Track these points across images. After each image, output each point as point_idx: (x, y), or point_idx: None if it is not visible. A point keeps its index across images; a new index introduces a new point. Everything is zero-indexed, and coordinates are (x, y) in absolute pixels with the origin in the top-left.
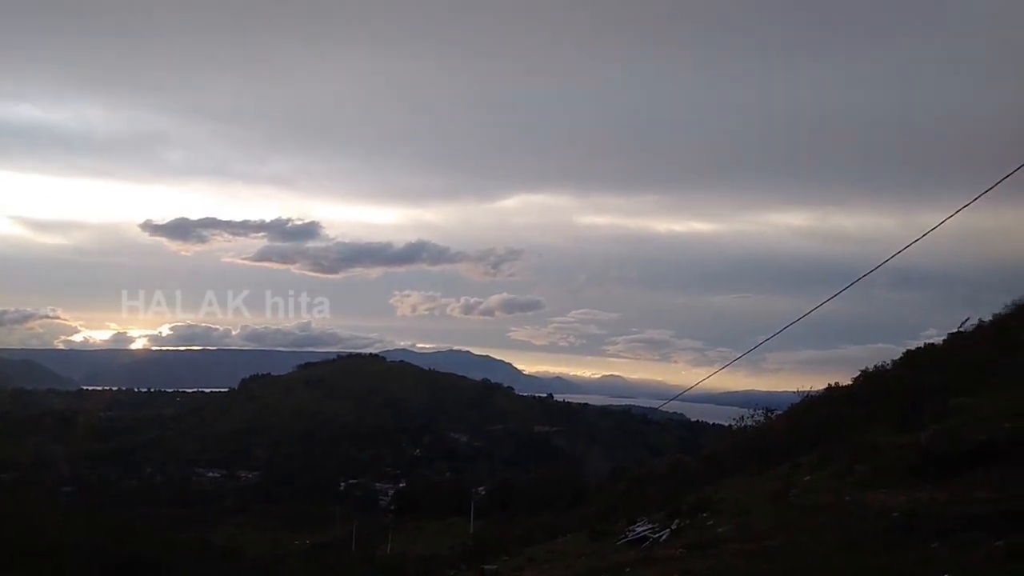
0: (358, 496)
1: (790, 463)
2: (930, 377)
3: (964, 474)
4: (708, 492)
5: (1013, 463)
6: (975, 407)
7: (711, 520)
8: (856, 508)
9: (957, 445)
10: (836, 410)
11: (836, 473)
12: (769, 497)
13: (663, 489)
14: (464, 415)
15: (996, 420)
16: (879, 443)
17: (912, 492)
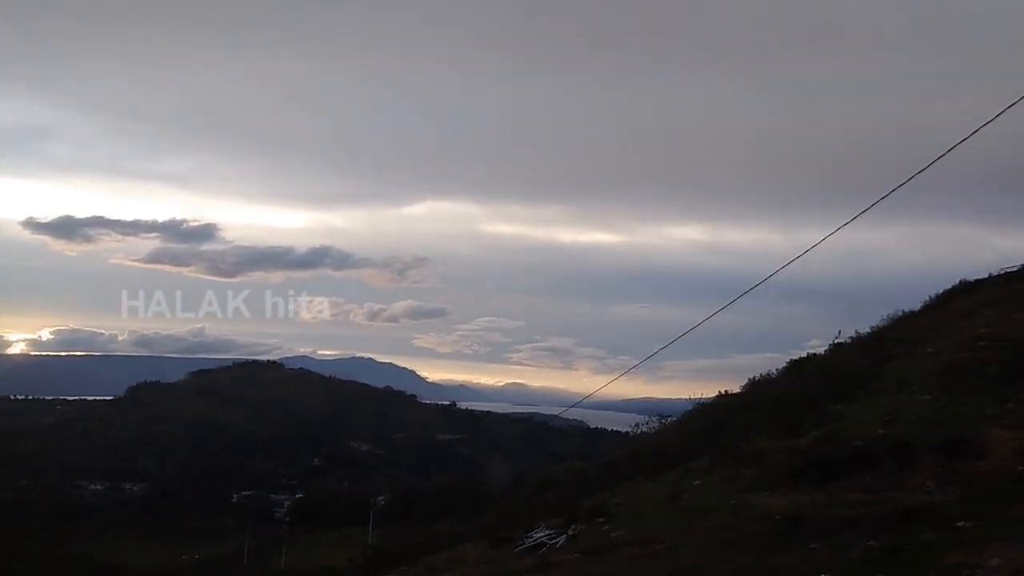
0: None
1: (682, 468)
2: (812, 385)
3: (842, 478)
4: (605, 497)
5: (886, 467)
6: (853, 414)
7: (607, 525)
8: (742, 511)
9: (836, 450)
10: (726, 416)
11: (725, 477)
12: (662, 501)
13: (562, 495)
14: (366, 423)
15: (872, 427)
16: (765, 448)
17: (794, 495)
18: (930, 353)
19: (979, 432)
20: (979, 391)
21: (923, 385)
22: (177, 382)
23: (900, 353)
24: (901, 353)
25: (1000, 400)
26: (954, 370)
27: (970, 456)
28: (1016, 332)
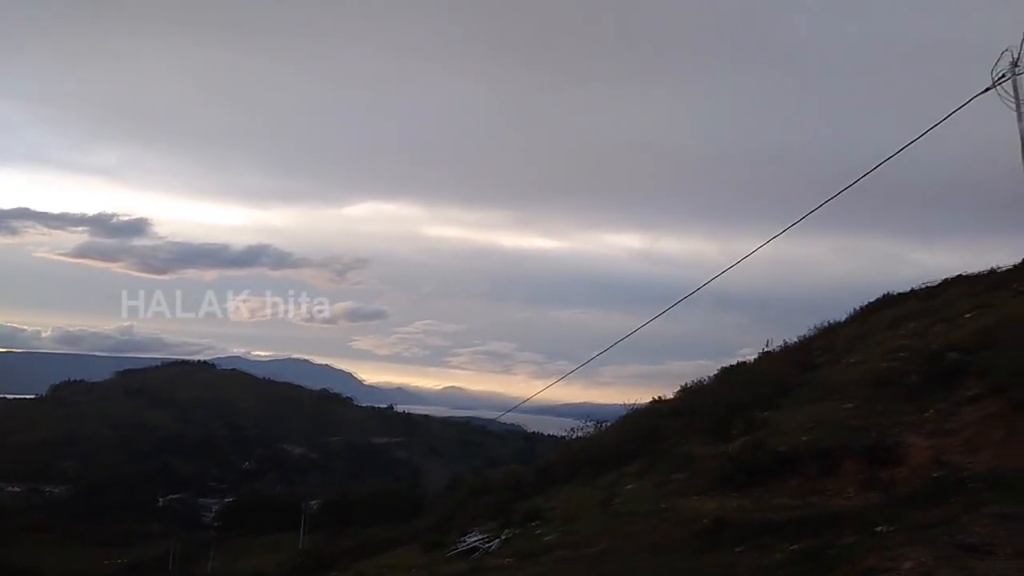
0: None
1: (616, 472)
2: (742, 392)
3: (768, 483)
4: (539, 501)
5: (810, 473)
6: (780, 421)
7: (540, 529)
8: (672, 515)
9: (763, 456)
10: (659, 422)
11: (656, 482)
12: (595, 505)
13: (497, 499)
14: (300, 426)
15: (797, 433)
16: (695, 453)
17: (722, 499)
18: (854, 363)
19: (899, 440)
20: (899, 400)
21: (847, 393)
22: (103, 381)
23: (826, 362)
24: (827, 362)
25: (919, 409)
26: (876, 379)
27: (890, 463)
28: (934, 344)
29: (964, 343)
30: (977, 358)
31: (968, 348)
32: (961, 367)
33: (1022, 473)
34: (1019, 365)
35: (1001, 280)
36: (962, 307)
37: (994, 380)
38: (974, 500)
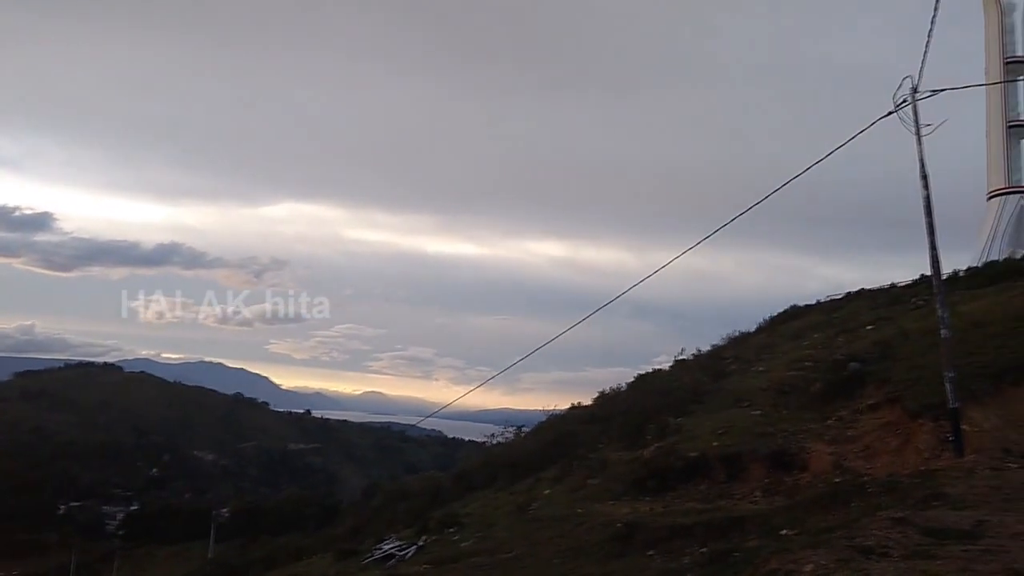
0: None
1: (533, 478)
2: (656, 399)
3: (679, 487)
4: (456, 507)
5: (718, 477)
6: (691, 427)
7: (457, 535)
8: (586, 519)
9: (674, 461)
10: (576, 428)
11: (572, 487)
12: (512, 510)
13: (414, 506)
14: (212, 432)
15: (707, 439)
16: (610, 459)
17: (635, 504)
18: (762, 371)
19: (803, 445)
20: (804, 407)
21: (755, 401)
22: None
23: (736, 370)
24: (737, 370)
25: (822, 416)
26: (782, 387)
27: (794, 468)
28: (837, 354)
29: (864, 354)
30: (876, 368)
31: (868, 359)
32: (861, 377)
33: (916, 479)
34: (914, 376)
35: (899, 295)
36: (863, 319)
37: (892, 390)
38: (871, 504)
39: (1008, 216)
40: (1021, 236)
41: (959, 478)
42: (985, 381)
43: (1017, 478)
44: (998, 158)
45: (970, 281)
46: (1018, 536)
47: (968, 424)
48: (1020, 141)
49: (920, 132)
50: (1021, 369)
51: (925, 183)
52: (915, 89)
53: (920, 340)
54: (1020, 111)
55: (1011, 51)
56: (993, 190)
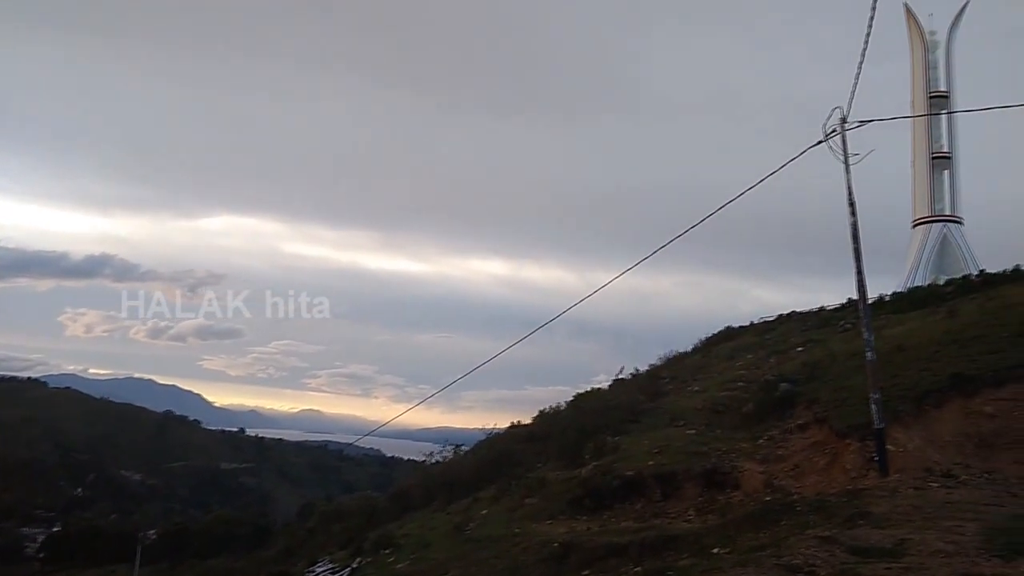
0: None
1: (471, 497)
2: (594, 418)
3: (615, 506)
4: (392, 528)
5: (654, 496)
6: (628, 446)
7: (392, 556)
8: (523, 539)
9: (611, 480)
10: (515, 447)
11: (509, 507)
12: (449, 531)
13: (349, 527)
14: (140, 450)
15: (643, 457)
16: (547, 478)
17: (571, 523)
18: (697, 391)
19: (735, 464)
20: (736, 427)
21: (689, 420)
22: None
23: (672, 390)
24: (673, 390)
25: (753, 436)
26: (716, 407)
27: (727, 486)
28: (768, 375)
29: (794, 375)
30: (805, 389)
31: (798, 379)
32: (791, 397)
33: (843, 497)
34: (841, 396)
35: (828, 318)
36: (794, 341)
37: (820, 410)
38: (800, 523)
39: (931, 243)
40: (944, 263)
41: (884, 497)
42: (909, 403)
43: (938, 497)
44: (922, 188)
45: (895, 305)
46: (938, 554)
47: (892, 444)
48: (943, 172)
49: (848, 161)
50: (943, 391)
51: (852, 210)
52: (844, 120)
53: (847, 362)
54: (943, 143)
55: (935, 86)
56: (918, 218)
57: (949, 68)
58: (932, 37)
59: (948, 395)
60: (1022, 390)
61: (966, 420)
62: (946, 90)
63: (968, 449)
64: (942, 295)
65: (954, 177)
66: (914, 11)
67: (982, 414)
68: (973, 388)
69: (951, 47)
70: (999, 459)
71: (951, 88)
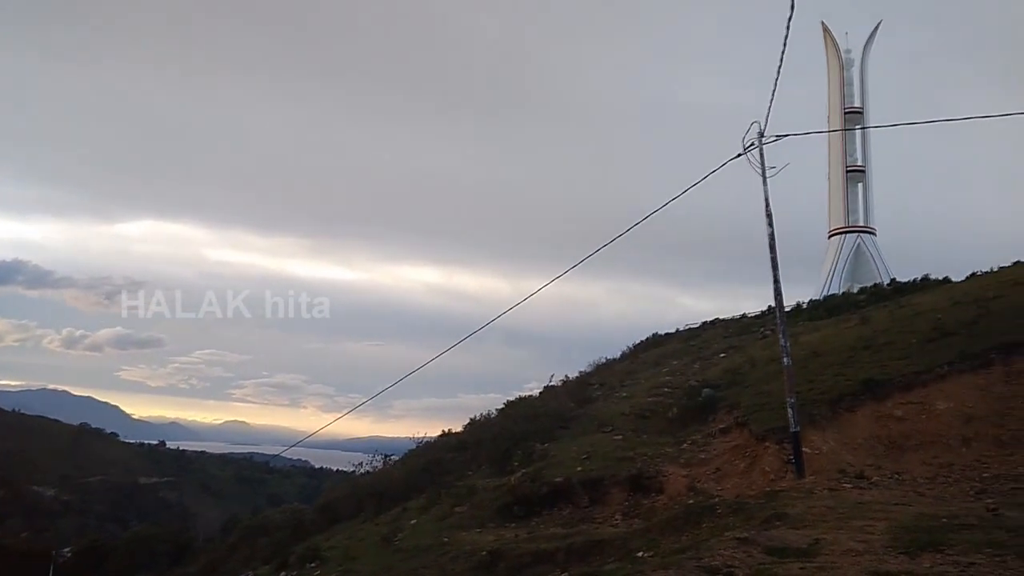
0: None
1: (401, 507)
2: (523, 425)
3: (544, 513)
4: (319, 541)
5: (581, 501)
6: (557, 452)
7: (318, 570)
8: (452, 548)
9: (539, 487)
10: (446, 455)
11: (439, 516)
12: (377, 542)
13: (275, 540)
14: (53, 465)
15: (571, 464)
16: (477, 486)
17: (500, 531)
18: (624, 397)
19: (659, 469)
20: (661, 432)
21: (617, 426)
22: None
23: (600, 396)
24: (602, 396)
25: (677, 440)
26: (642, 412)
27: (652, 491)
28: (692, 380)
29: (717, 380)
30: (727, 394)
31: (720, 385)
32: (713, 402)
33: (761, 499)
34: (761, 401)
35: (749, 325)
36: (717, 348)
37: (740, 414)
38: (720, 525)
39: (846, 253)
40: (858, 272)
41: (799, 498)
42: (824, 407)
43: (851, 497)
44: (838, 200)
45: (812, 313)
46: (849, 552)
47: (808, 447)
48: (857, 185)
49: (765, 174)
50: (855, 395)
51: (770, 221)
52: (762, 134)
53: (766, 368)
54: (857, 157)
55: (850, 102)
56: (833, 229)
57: (863, 85)
58: (847, 56)
59: (860, 399)
60: (929, 394)
61: (877, 423)
62: (860, 106)
63: (879, 451)
64: (856, 303)
65: (867, 190)
66: (831, 30)
67: (892, 417)
68: (884, 392)
69: (865, 65)
70: (907, 460)
71: (865, 104)
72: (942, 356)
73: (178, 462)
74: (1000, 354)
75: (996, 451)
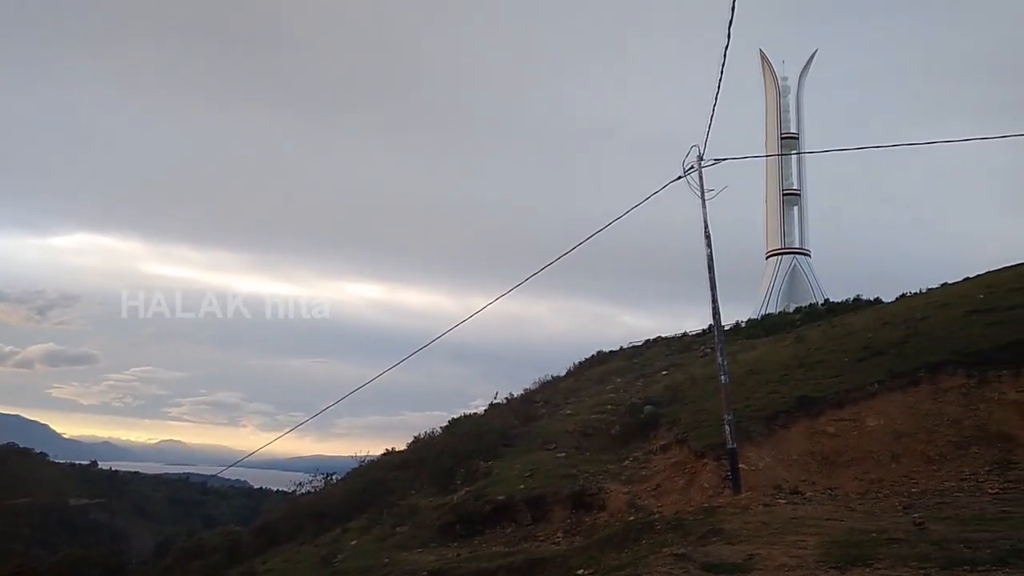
0: None
1: (341, 528)
2: (467, 443)
3: (487, 531)
4: (255, 564)
5: (524, 520)
6: (501, 470)
7: None
8: (392, 569)
9: (482, 505)
10: (388, 474)
11: (380, 536)
12: (315, 563)
13: (210, 563)
14: None
15: (515, 482)
16: (419, 505)
17: (442, 551)
18: (568, 414)
19: (601, 486)
20: (604, 449)
21: (560, 443)
22: None
23: (545, 414)
24: (546, 414)
25: (619, 457)
26: (585, 430)
27: (593, 508)
28: (634, 397)
29: (658, 397)
30: (668, 411)
31: (661, 402)
32: (655, 419)
33: (698, 515)
34: (700, 418)
35: (690, 343)
36: (659, 365)
37: (680, 431)
38: (659, 541)
39: (783, 274)
40: (794, 292)
41: (735, 514)
42: (760, 423)
43: (785, 513)
44: (774, 222)
45: (750, 331)
46: (782, 567)
47: (745, 463)
48: (793, 208)
49: (704, 196)
50: (790, 412)
51: (708, 242)
52: (700, 157)
53: (706, 385)
54: (793, 181)
55: (786, 128)
56: (770, 250)
57: (799, 112)
58: (784, 83)
59: (795, 416)
60: (860, 411)
61: (811, 439)
62: (796, 132)
63: (813, 467)
64: (792, 322)
65: (803, 213)
66: (768, 58)
67: (825, 434)
68: (817, 409)
69: (801, 93)
70: (840, 476)
71: (800, 130)
72: (872, 374)
73: (110, 483)
74: (927, 373)
75: (924, 467)
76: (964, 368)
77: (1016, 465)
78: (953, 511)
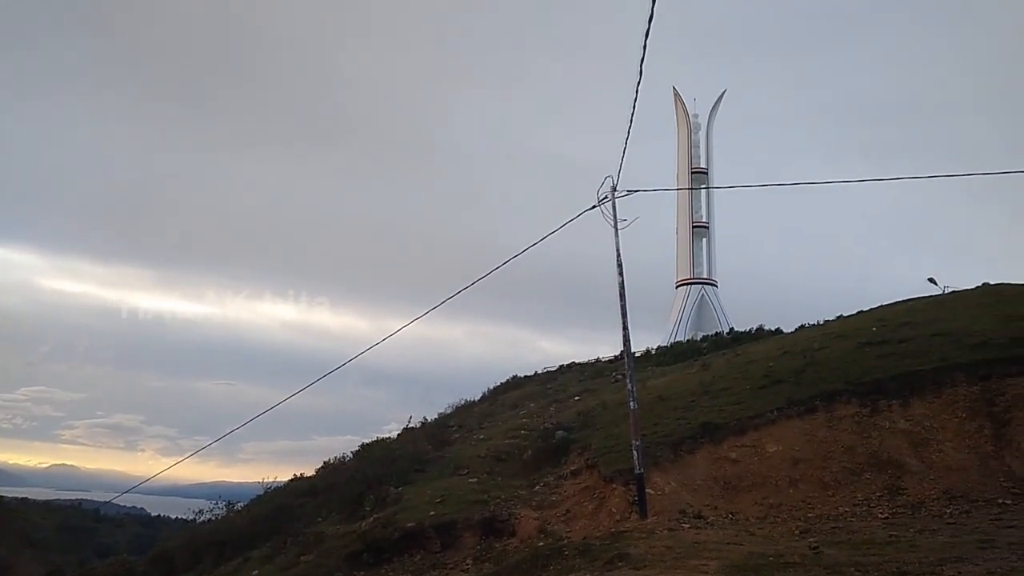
0: None
1: (243, 557)
2: (379, 468)
3: (395, 559)
4: None
5: (433, 546)
6: (411, 496)
7: None
8: None
9: (391, 532)
10: (295, 500)
11: (283, 565)
12: None
13: None
14: None
15: (425, 508)
16: (326, 533)
17: None
18: (482, 439)
19: (512, 511)
20: (516, 474)
21: (472, 468)
22: None
23: (459, 438)
24: (460, 438)
25: (530, 482)
26: (498, 455)
27: (504, 534)
28: (547, 422)
29: (570, 423)
30: (579, 436)
31: (572, 427)
32: (566, 444)
33: (606, 540)
34: (610, 443)
35: (603, 369)
36: (572, 391)
37: (590, 456)
38: (567, 567)
39: (692, 303)
40: (702, 321)
41: (641, 539)
42: (667, 449)
43: (688, 537)
44: (684, 253)
45: (660, 358)
46: None
47: (652, 488)
48: (702, 239)
49: (617, 226)
50: (696, 438)
51: (620, 271)
52: (614, 188)
53: (616, 410)
54: (703, 214)
55: (697, 163)
56: (680, 280)
57: (709, 147)
58: (695, 119)
59: (700, 442)
60: (761, 437)
61: (714, 465)
62: (706, 167)
63: (716, 491)
64: (699, 350)
65: (711, 244)
66: (681, 95)
67: (727, 459)
68: (720, 435)
69: (711, 129)
70: (741, 500)
71: (710, 165)
72: (772, 402)
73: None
74: (823, 401)
75: (820, 492)
76: (858, 397)
77: (905, 491)
78: (846, 535)
